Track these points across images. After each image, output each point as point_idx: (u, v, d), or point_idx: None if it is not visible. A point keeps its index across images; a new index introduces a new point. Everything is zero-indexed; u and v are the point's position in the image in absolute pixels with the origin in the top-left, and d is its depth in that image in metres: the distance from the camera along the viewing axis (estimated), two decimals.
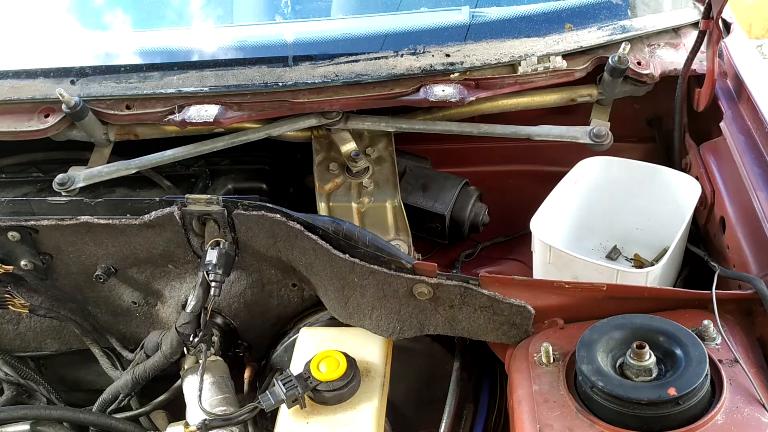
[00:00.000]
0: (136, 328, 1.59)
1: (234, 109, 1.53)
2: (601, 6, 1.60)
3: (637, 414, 0.97)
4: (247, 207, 1.31)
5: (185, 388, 1.43)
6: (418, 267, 1.22)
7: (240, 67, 1.56)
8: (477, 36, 1.56)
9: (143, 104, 1.56)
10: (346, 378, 1.20)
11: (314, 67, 1.54)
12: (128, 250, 1.42)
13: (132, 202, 1.42)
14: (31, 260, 1.46)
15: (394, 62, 1.53)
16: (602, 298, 1.16)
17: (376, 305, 1.27)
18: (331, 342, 1.32)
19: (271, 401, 1.20)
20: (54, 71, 1.61)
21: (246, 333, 1.56)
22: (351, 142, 1.59)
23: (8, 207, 1.54)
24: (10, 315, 1.59)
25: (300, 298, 1.50)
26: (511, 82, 1.51)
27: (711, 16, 1.45)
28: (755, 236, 1.27)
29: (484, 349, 1.34)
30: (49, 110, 1.57)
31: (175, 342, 1.34)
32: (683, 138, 1.59)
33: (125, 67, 1.60)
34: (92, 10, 1.87)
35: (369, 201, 1.54)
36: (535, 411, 1.03)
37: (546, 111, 1.62)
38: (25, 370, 1.64)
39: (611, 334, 1.06)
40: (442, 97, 1.47)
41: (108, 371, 1.58)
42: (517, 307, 1.19)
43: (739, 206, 1.35)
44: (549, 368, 1.09)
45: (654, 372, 1.00)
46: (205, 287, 1.31)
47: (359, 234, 1.31)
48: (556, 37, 1.54)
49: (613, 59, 1.47)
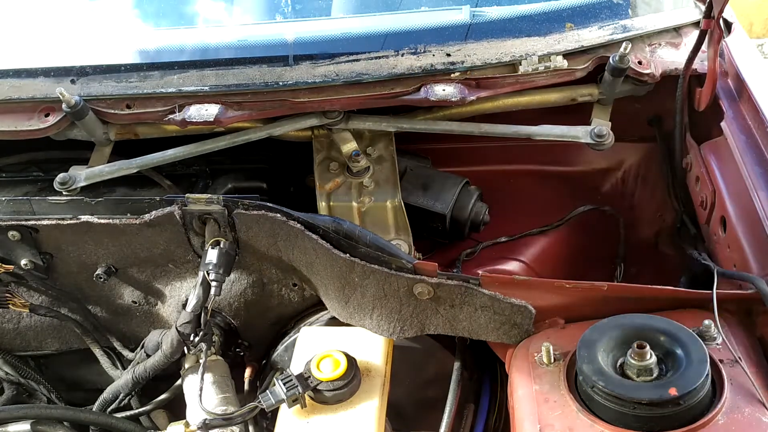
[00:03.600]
0: (136, 327, 1.59)
1: (234, 108, 1.53)
2: (602, 5, 1.60)
3: (638, 414, 0.97)
4: (248, 206, 1.31)
5: (186, 388, 1.43)
6: (419, 266, 1.22)
7: (240, 67, 1.56)
8: (478, 35, 1.56)
9: (143, 103, 1.56)
10: (347, 378, 1.20)
11: (315, 67, 1.54)
12: (129, 249, 1.42)
13: (132, 202, 1.42)
14: (32, 260, 1.46)
15: (395, 62, 1.53)
16: (603, 297, 1.16)
17: (377, 305, 1.27)
18: (332, 342, 1.32)
19: (271, 401, 1.20)
20: (54, 70, 1.61)
21: (246, 332, 1.56)
22: (351, 142, 1.59)
23: (9, 206, 1.55)
24: (11, 314, 1.59)
25: (300, 297, 1.50)
26: (511, 81, 1.51)
27: (712, 16, 1.45)
28: (756, 236, 1.27)
29: (485, 348, 1.34)
30: (49, 109, 1.57)
31: (176, 341, 1.34)
32: (684, 137, 1.59)
33: (125, 67, 1.60)
34: (92, 9, 1.87)
35: (369, 200, 1.54)
36: (536, 411, 1.03)
37: (547, 110, 1.61)
38: (25, 369, 1.64)
39: (612, 334, 1.05)
40: (442, 96, 1.47)
41: (108, 371, 1.58)
42: (517, 306, 1.18)
43: (740, 206, 1.35)
44: (550, 368, 1.09)
45: (655, 372, 1.00)
46: (205, 287, 1.31)
47: (360, 233, 1.31)
48: (556, 36, 1.54)
49: (614, 59, 1.47)
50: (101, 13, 1.85)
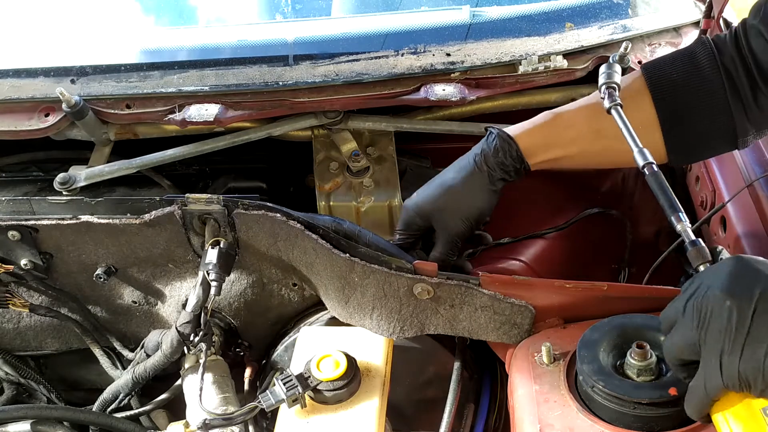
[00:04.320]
0: (136, 327, 1.59)
1: (234, 108, 1.53)
2: (601, 5, 1.61)
3: (638, 414, 0.97)
4: (248, 206, 1.31)
5: (185, 388, 1.43)
6: (419, 266, 1.22)
7: (240, 66, 1.56)
8: (478, 35, 1.56)
9: (143, 103, 1.56)
10: (347, 378, 1.20)
11: (315, 67, 1.54)
12: (128, 249, 1.42)
13: (132, 202, 1.42)
14: (32, 259, 1.46)
15: (395, 61, 1.53)
16: (603, 297, 1.16)
17: (377, 305, 1.27)
18: (332, 342, 1.32)
19: (271, 401, 1.20)
20: (54, 70, 1.61)
21: (246, 332, 1.56)
22: (351, 142, 1.59)
23: (8, 206, 1.55)
24: (11, 314, 1.59)
25: (300, 297, 1.50)
26: (511, 81, 1.51)
27: (712, 16, 1.45)
28: (756, 236, 1.27)
29: (485, 348, 1.34)
30: (49, 109, 1.57)
31: (176, 341, 1.34)
32: None
33: (125, 66, 1.60)
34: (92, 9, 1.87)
35: (369, 200, 1.54)
36: (536, 411, 1.03)
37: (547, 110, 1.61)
38: (25, 369, 1.64)
39: (612, 334, 1.05)
40: (442, 96, 1.47)
41: (108, 371, 1.58)
42: (518, 306, 1.19)
43: (740, 206, 1.35)
44: (550, 368, 1.09)
45: (655, 372, 1.00)
46: (205, 287, 1.31)
47: (360, 233, 1.31)
48: (556, 36, 1.54)
49: (614, 58, 1.47)
50: (101, 13, 1.85)
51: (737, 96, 1.13)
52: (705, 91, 1.14)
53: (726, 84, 1.13)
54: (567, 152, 1.25)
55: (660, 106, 1.17)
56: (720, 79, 1.13)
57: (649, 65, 1.20)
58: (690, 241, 0.92)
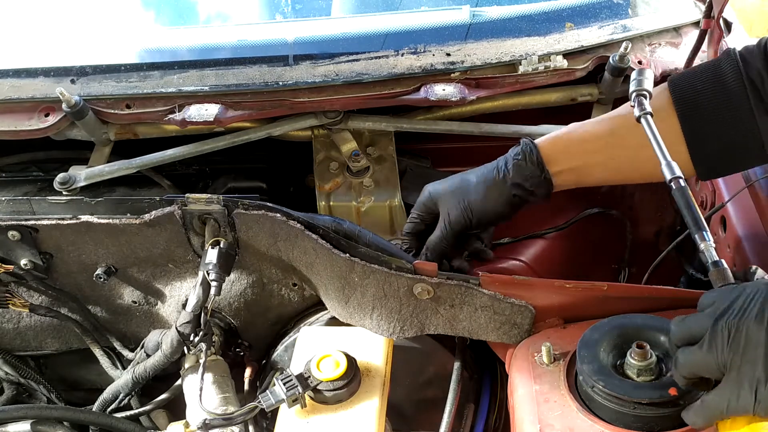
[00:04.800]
0: (136, 327, 1.59)
1: (234, 108, 1.53)
2: (601, 5, 1.61)
3: (638, 414, 0.96)
4: (248, 206, 1.31)
5: (185, 388, 1.43)
6: (419, 266, 1.22)
7: (240, 66, 1.56)
8: (478, 35, 1.56)
9: (143, 103, 1.56)
10: (347, 378, 1.20)
11: (315, 67, 1.54)
12: (128, 249, 1.42)
13: (132, 202, 1.42)
14: (32, 259, 1.46)
15: (395, 61, 1.53)
16: (603, 297, 1.16)
17: (377, 305, 1.27)
18: (332, 341, 1.32)
19: (271, 401, 1.20)
20: (54, 70, 1.61)
21: (246, 332, 1.56)
22: (351, 142, 1.59)
23: (8, 206, 1.55)
24: (11, 314, 1.59)
25: (300, 297, 1.50)
26: (511, 81, 1.51)
27: (712, 16, 1.45)
28: (756, 236, 1.27)
29: (485, 348, 1.34)
30: (49, 109, 1.57)
31: (176, 341, 1.34)
32: None
33: (125, 66, 1.60)
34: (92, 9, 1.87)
35: (369, 200, 1.54)
36: (536, 411, 1.03)
37: (547, 110, 1.61)
38: (25, 369, 1.64)
39: (612, 334, 1.05)
40: (442, 96, 1.47)
41: (108, 370, 1.58)
42: (518, 306, 1.18)
43: (740, 206, 1.35)
44: (550, 368, 1.09)
45: (655, 372, 1.00)
46: (205, 287, 1.31)
47: (360, 233, 1.31)
48: (556, 36, 1.54)
49: (613, 58, 1.47)
50: (101, 13, 1.85)
51: (763, 109, 1.11)
52: (730, 105, 1.13)
53: (751, 96, 1.12)
54: (587, 161, 1.23)
55: (685, 119, 1.15)
56: (745, 92, 1.12)
57: (675, 78, 1.19)
58: (713, 261, 0.91)
